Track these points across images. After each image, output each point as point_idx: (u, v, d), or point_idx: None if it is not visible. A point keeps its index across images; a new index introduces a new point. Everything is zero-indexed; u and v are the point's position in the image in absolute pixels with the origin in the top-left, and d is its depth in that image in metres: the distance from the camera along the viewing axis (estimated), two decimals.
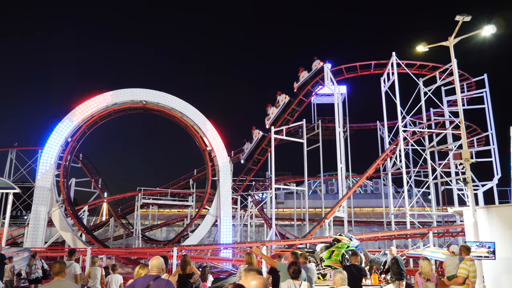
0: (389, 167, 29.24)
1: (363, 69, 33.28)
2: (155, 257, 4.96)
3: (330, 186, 49.61)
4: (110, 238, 34.02)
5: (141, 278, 4.81)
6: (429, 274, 8.69)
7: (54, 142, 24.37)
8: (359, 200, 46.04)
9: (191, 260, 9.91)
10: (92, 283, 9.68)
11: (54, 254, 22.36)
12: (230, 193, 26.72)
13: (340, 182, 29.27)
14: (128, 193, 35.98)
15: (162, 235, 39.68)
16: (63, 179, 25.40)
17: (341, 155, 30.16)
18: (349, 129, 36.93)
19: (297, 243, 22.62)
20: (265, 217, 33.87)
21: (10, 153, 36.57)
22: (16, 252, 16.84)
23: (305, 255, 8.89)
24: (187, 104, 26.80)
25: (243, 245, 23.64)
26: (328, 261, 11.97)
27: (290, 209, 44.12)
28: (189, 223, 29.40)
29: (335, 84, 32.29)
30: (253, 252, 8.68)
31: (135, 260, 23.29)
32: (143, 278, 4.77)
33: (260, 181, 38.75)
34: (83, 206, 34.90)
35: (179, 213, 44.66)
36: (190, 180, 38.66)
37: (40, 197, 23.37)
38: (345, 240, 12.04)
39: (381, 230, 32.30)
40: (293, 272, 6.35)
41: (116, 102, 26.05)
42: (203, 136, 27.08)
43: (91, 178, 36.50)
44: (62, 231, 24.00)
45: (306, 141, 30.75)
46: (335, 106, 30.88)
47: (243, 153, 33.85)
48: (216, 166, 26.87)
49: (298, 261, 7.22)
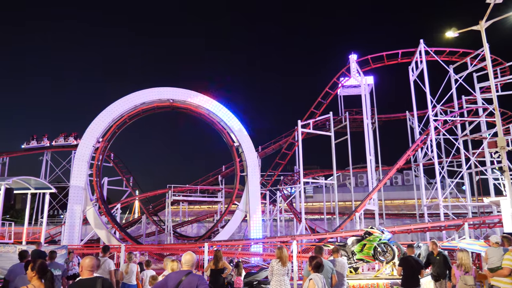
0: (420, 158, 28.61)
1: (390, 58, 32.62)
2: (188, 253, 4.99)
3: (359, 179, 49.02)
4: (142, 235, 34.70)
5: (173, 274, 4.83)
6: (469, 266, 8.42)
7: (86, 143, 25.02)
8: (390, 193, 45.33)
9: (222, 255, 9.97)
10: (128, 278, 9.90)
11: (90, 251, 22.99)
12: (258, 188, 26.77)
13: (370, 175, 28.88)
14: (158, 190, 36.60)
15: (193, 231, 40.21)
16: (96, 178, 26.05)
17: (370, 147, 29.74)
18: (377, 120, 36.28)
19: (327, 236, 22.49)
20: (295, 211, 33.78)
21: (46, 155, 37.75)
22: (55, 249, 17.42)
23: (337, 249, 8.80)
24: (213, 101, 26.97)
25: (273, 240, 23.70)
26: (360, 255, 11.81)
27: (319, 203, 43.85)
28: (219, 219, 29.63)
29: (361, 75, 31.80)
30: (283, 246, 8.68)
31: (167, 256, 23.69)
32: (175, 274, 4.80)
33: (288, 175, 38.64)
34: (115, 204, 35.79)
35: (209, 209, 45.13)
36: (218, 176, 38.94)
37: (75, 196, 24.06)
38: (377, 233, 11.83)
39: (413, 222, 31.67)
40: (315, 267, 6.45)
41: (144, 102, 26.49)
42: (230, 132, 27.20)
43: (123, 176, 37.30)
44: (97, 228, 24.64)
45: (333, 134, 30.42)
46: (362, 97, 30.44)
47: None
48: (244, 162, 26.95)
49: (319, 255, 7.24)
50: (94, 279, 4.75)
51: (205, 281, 4.68)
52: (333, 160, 30.12)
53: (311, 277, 6.59)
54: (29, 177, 21.14)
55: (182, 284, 4.58)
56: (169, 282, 4.69)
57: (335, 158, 30.08)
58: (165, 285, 4.69)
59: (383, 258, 11.35)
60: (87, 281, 4.72)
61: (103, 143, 26.36)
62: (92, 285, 4.63)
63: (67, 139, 35.56)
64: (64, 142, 35.64)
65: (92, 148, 25.25)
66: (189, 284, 4.58)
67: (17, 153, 37.67)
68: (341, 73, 33.18)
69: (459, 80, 27.97)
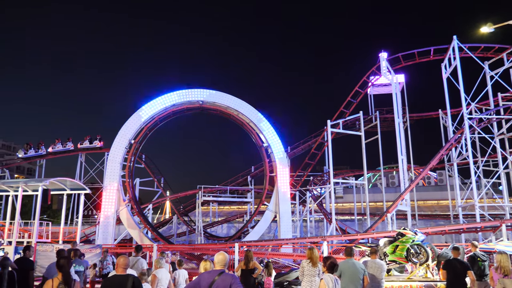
0: (454, 157, 27.81)
1: (422, 56, 31.93)
2: (221, 253, 5.02)
3: (390, 179, 48.11)
4: (174, 235, 35.21)
5: (206, 273, 4.85)
6: (508, 269, 8.11)
7: (119, 145, 25.60)
8: (423, 193, 44.23)
9: (253, 255, 10.00)
10: None
11: (123, 250, 23.48)
12: (288, 189, 26.70)
13: (402, 175, 28.32)
14: (189, 191, 37.06)
15: (223, 231, 40.46)
16: (128, 179, 26.61)
17: (402, 146, 29.19)
18: (409, 119, 35.53)
19: (358, 237, 22.17)
20: (325, 212, 33.50)
21: (80, 157, 38.84)
22: (89, 248, 17.93)
23: (375, 250, 8.60)
24: (243, 102, 27.09)
25: (304, 240, 23.56)
26: (392, 256, 11.60)
27: (350, 203, 43.28)
28: (249, 219, 29.72)
29: (392, 73, 31.24)
30: (314, 247, 8.62)
31: (198, 256, 23.93)
32: (208, 273, 4.81)
33: (318, 176, 38.37)
34: (147, 204, 36.44)
35: (239, 210, 45.31)
36: (248, 176, 39.08)
37: (108, 197, 24.66)
38: (409, 234, 11.59)
39: (447, 223, 30.83)
40: (329, 267, 6.48)
41: (175, 103, 26.88)
42: (259, 133, 27.24)
43: (154, 177, 37.93)
44: (130, 228, 25.16)
45: (364, 134, 30.00)
46: (393, 96, 29.89)
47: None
48: (273, 162, 26.94)
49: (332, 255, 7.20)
50: (127, 276, 5.31)
51: (238, 280, 4.70)
52: (364, 160, 29.73)
53: (322, 277, 6.58)
54: (65, 178, 21.83)
55: (215, 284, 4.61)
56: (202, 281, 4.72)
57: (365, 158, 29.69)
58: (198, 284, 4.74)
59: (417, 260, 11.11)
60: (120, 277, 5.29)
61: (135, 145, 26.89)
62: (124, 281, 5.19)
63: (94, 142, 36.46)
64: (89, 145, 36.58)
65: (124, 149, 25.80)
66: (222, 283, 4.61)
67: (53, 155, 38.91)
68: (371, 72, 32.73)
69: (494, 76, 27.04)
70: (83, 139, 36.84)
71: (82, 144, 36.54)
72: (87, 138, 36.92)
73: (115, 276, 5.45)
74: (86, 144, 36.49)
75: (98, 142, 36.24)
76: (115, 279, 5.35)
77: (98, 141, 36.25)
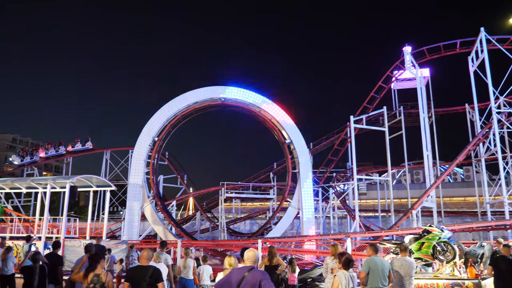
0: (482, 153, 27.13)
1: (448, 49, 31.21)
2: (250, 249, 5.04)
3: (415, 175, 47.30)
4: (197, 231, 35.56)
5: (237, 269, 4.89)
6: None
7: (143, 142, 25.96)
8: (449, 189, 43.35)
9: (276, 252, 10.00)
10: (185, 273, 10.17)
11: (148, 246, 23.84)
12: (311, 185, 26.57)
13: (427, 171, 27.82)
14: (212, 188, 37.32)
15: (245, 227, 40.63)
16: (152, 176, 26.98)
17: (427, 142, 28.65)
18: (434, 114, 34.77)
19: (383, 234, 21.91)
20: (348, 208, 33.22)
21: (105, 154, 39.61)
22: (115, 244, 18.30)
23: (405, 247, 8.36)
24: (265, 98, 27.05)
25: (327, 237, 23.45)
26: (418, 253, 11.41)
27: (373, 200, 42.81)
28: (272, 215, 29.73)
29: (417, 67, 30.66)
30: (337, 243, 8.56)
31: (221, 252, 24.11)
32: (238, 269, 4.85)
33: (341, 172, 38.05)
34: (171, 201, 36.90)
35: (261, 206, 45.38)
36: (270, 173, 39.08)
37: (133, 194, 25.06)
38: (436, 231, 11.38)
39: (474, 220, 30.13)
40: (345, 263, 6.42)
41: (197, 101, 27.06)
42: (282, 129, 27.17)
43: (177, 174, 38.37)
44: (154, 224, 25.53)
45: (387, 129, 29.57)
46: (418, 90, 29.34)
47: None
48: (295, 159, 26.84)
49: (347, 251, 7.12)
50: (148, 267, 5.97)
51: (268, 276, 4.71)
52: (388, 156, 29.31)
53: (336, 274, 6.50)
54: (91, 175, 22.31)
55: (245, 280, 4.63)
56: (233, 277, 4.76)
57: (389, 154, 29.27)
58: (229, 280, 4.77)
59: (443, 257, 10.91)
60: (143, 267, 5.94)
61: (158, 142, 27.22)
62: (145, 271, 5.86)
63: (86, 144, 37.03)
64: (81, 147, 37.19)
65: (148, 147, 26.15)
66: (252, 280, 4.62)
67: (79, 153, 39.78)
68: (395, 66, 32.18)
69: None
70: (74, 142, 37.44)
71: (73, 147, 36.86)
72: (78, 140, 37.49)
73: (138, 266, 6.10)
74: (78, 147, 36.95)
75: (90, 144, 36.90)
76: (138, 269, 6.01)
77: (90, 142, 36.86)
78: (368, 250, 7.55)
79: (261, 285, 4.59)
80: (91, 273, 6.09)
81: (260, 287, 4.59)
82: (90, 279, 6.00)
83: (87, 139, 37.55)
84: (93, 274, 6.07)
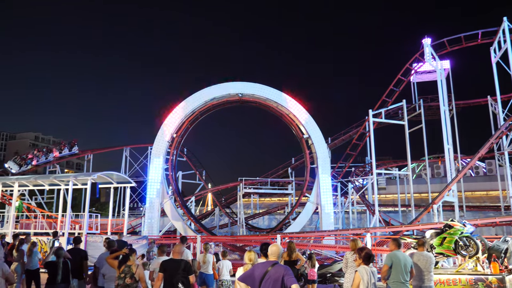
0: (505, 146, 26.49)
1: (469, 40, 30.56)
2: (274, 244, 5.07)
3: (436, 169, 46.56)
4: (216, 227, 35.78)
5: (260, 264, 4.93)
6: None
7: (161, 139, 26.20)
8: (471, 184, 42.54)
9: (295, 247, 9.99)
10: (205, 268, 10.26)
11: (168, 242, 24.12)
12: (329, 180, 26.44)
13: (448, 165, 27.37)
14: (230, 183, 37.46)
15: (264, 223, 40.72)
16: (171, 172, 27.25)
17: (448, 135, 28.16)
18: (455, 107, 34.12)
19: (403, 229, 21.68)
20: (367, 203, 32.95)
21: (125, 151, 40.12)
22: (136, 240, 18.57)
23: (423, 242, 8.24)
24: (281, 93, 26.97)
25: (346, 232, 23.32)
26: (439, 249, 11.23)
27: (393, 194, 42.32)
28: (290, 211, 29.71)
29: (437, 59, 30.11)
30: (357, 238, 8.52)
31: (240, 247, 24.22)
32: (262, 264, 4.88)
33: (360, 166, 37.74)
34: (190, 197, 37.22)
35: (280, 202, 45.39)
36: (288, 168, 39.02)
37: (152, 190, 25.34)
38: (458, 225, 11.17)
39: (497, 215, 29.51)
40: (365, 258, 6.38)
41: (215, 97, 27.13)
42: (299, 124, 27.07)
43: (196, 170, 38.64)
44: (174, 220, 25.79)
45: (407, 123, 29.16)
46: (438, 83, 28.83)
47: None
48: (314, 154, 26.74)
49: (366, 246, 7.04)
50: (180, 260, 6.64)
51: (291, 272, 4.72)
52: (407, 150, 28.93)
53: (357, 269, 6.43)
54: (111, 172, 22.64)
55: (268, 274, 4.65)
56: (256, 271, 4.79)
57: (409, 148, 28.88)
58: (252, 274, 4.80)
59: (466, 252, 10.71)
60: (176, 261, 6.58)
61: (177, 139, 27.43)
62: (178, 264, 6.51)
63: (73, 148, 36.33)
64: (69, 152, 36.47)
65: (167, 143, 26.37)
66: (275, 274, 4.64)
67: (99, 150, 40.39)
68: (414, 59, 31.66)
69: None
70: (61, 148, 36.42)
71: (61, 153, 36.12)
72: (65, 146, 36.69)
73: (171, 259, 6.69)
74: (65, 152, 36.38)
75: (76, 148, 36.45)
76: (172, 262, 6.62)
77: (76, 147, 36.44)
78: (391, 244, 7.45)
79: (284, 280, 4.60)
80: (123, 265, 6.70)
81: (282, 282, 4.60)
82: (122, 270, 6.59)
83: (73, 144, 36.76)
84: (125, 265, 6.65)
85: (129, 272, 6.59)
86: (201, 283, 10.17)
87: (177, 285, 6.41)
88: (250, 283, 4.79)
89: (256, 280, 4.70)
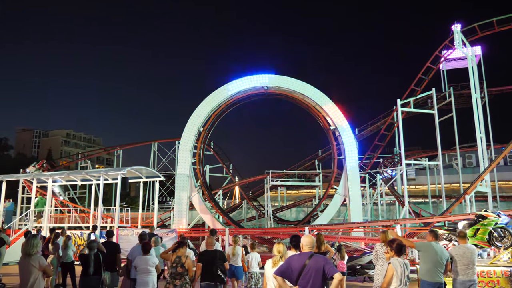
0: None
1: (501, 24, 29.51)
2: (307, 235, 5.05)
3: (467, 159, 45.41)
4: (244, 219, 36.00)
5: (296, 256, 4.88)
6: None
7: (189, 133, 26.45)
8: (504, 173, 41.35)
9: (324, 239, 9.93)
10: (234, 260, 10.34)
11: (197, 234, 24.48)
12: (357, 172, 26.14)
13: (481, 154, 26.62)
14: (257, 176, 37.56)
15: (291, 215, 40.70)
16: (198, 166, 27.52)
17: (480, 123, 27.36)
18: (487, 94, 33.03)
19: (434, 220, 21.20)
20: (396, 194, 32.43)
21: (153, 146, 40.77)
22: (166, 233, 18.91)
23: (464, 234, 7.80)
24: (307, 85, 26.72)
25: (375, 224, 23.05)
26: (472, 240, 10.94)
27: (423, 185, 41.61)
28: (318, 203, 29.57)
29: (467, 45, 29.19)
30: (387, 230, 8.40)
31: (268, 239, 24.29)
32: (298, 256, 4.85)
33: (388, 157, 37.14)
34: (217, 190, 37.56)
35: (307, 194, 45.28)
36: (315, 160, 38.79)
37: (181, 184, 25.67)
38: (492, 216, 10.86)
39: None
40: (397, 250, 6.30)
41: (240, 90, 27.15)
42: (326, 116, 26.82)
43: (223, 164, 38.90)
44: (202, 213, 26.08)
45: (437, 112, 28.47)
46: (470, 70, 28.00)
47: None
48: (341, 145, 26.46)
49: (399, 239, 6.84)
50: (215, 250, 7.67)
51: (330, 261, 4.70)
52: (438, 140, 28.25)
53: (390, 261, 6.29)
54: (140, 167, 23.06)
55: (308, 266, 4.64)
56: (293, 264, 4.75)
57: (439, 137, 28.20)
58: (289, 267, 4.76)
59: (500, 244, 10.42)
60: (210, 251, 7.57)
61: (204, 133, 27.64)
62: (214, 254, 7.50)
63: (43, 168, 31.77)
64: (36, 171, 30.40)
65: (194, 137, 26.61)
66: (315, 265, 4.63)
67: (129, 145, 41.22)
68: (443, 46, 30.80)
69: None
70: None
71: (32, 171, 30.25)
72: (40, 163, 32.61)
73: (207, 250, 7.63)
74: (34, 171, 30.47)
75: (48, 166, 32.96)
76: (208, 252, 7.57)
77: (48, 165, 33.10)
78: (428, 236, 7.21)
79: (325, 270, 4.61)
80: (174, 255, 7.31)
81: (324, 271, 4.60)
82: (173, 259, 7.21)
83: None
84: (176, 256, 7.26)
85: (179, 262, 7.18)
86: (230, 275, 10.26)
87: (217, 272, 7.31)
88: (287, 277, 4.75)
89: (294, 273, 4.68)
